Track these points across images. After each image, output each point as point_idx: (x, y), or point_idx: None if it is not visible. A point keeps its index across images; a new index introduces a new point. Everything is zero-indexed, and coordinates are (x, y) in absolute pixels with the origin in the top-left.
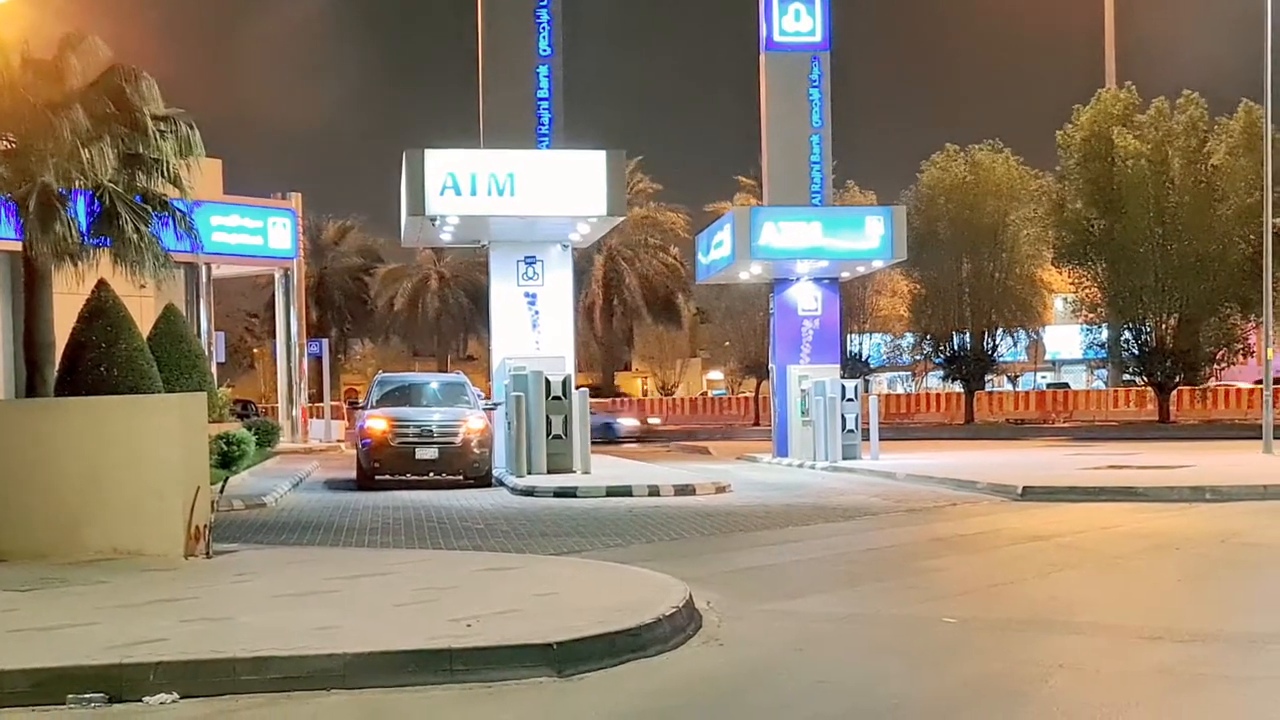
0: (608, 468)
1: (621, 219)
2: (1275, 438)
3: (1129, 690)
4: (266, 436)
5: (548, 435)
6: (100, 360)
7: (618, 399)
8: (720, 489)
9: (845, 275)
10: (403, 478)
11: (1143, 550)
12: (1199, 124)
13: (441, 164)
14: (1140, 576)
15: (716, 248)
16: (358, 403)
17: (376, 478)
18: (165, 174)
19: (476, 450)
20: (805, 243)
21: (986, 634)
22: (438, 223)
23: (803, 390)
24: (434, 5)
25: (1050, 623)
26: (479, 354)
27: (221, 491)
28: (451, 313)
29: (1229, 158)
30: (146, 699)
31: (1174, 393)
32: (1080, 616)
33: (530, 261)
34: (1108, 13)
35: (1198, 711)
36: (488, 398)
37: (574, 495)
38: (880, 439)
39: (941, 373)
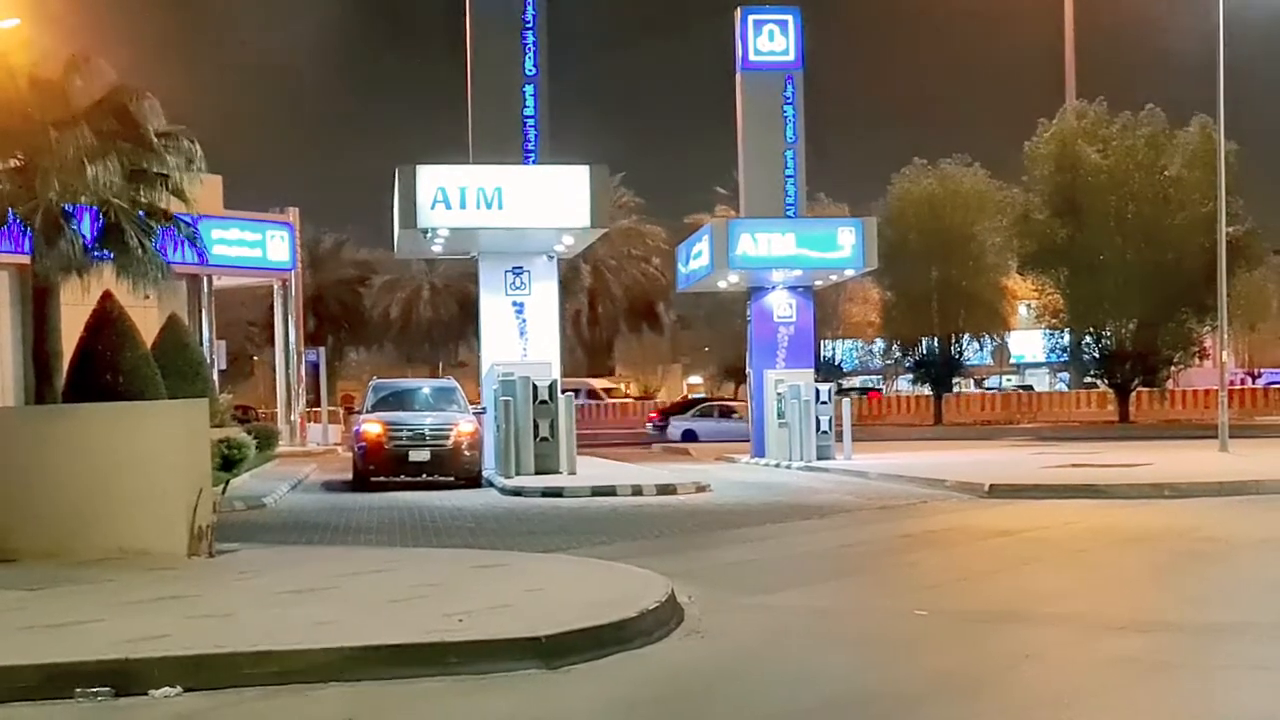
0: (593, 468)
1: (605, 230)
2: (1231, 437)
3: (1093, 679)
4: (266, 441)
5: (535, 438)
6: (106, 369)
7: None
8: (700, 488)
9: (819, 283)
10: (396, 479)
11: (1105, 545)
12: (1159, 138)
13: (433, 179)
14: (1103, 570)
15: (695, 258)
16: (354, 408)
17: (372, 479)
18: (169, 188)
19: (467, 453)
20: (780, 252)
21: (956, 626)
22: (429, 235)
23: (779, 394)
24: (425, 27)
25: (1017, 615)
26: (470, 360)
27: (223, 493)
28: (443, 321)
29: (1185, 170)
30: (151, 692)
31: (1133, 394)
32: (1046, 608)
33: (518, 272)
34: (1067, 29)
35: (1160, 700)
36: (477, 403)
37: (560, 495)
38: (853, 440)
39: (911, 376)
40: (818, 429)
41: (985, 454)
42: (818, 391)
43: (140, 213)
